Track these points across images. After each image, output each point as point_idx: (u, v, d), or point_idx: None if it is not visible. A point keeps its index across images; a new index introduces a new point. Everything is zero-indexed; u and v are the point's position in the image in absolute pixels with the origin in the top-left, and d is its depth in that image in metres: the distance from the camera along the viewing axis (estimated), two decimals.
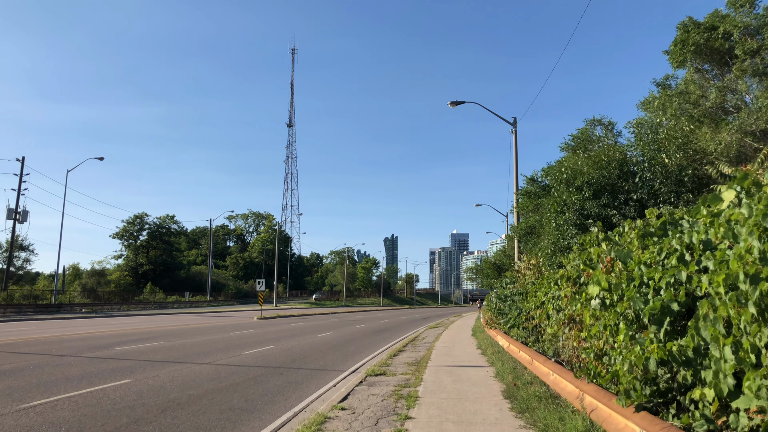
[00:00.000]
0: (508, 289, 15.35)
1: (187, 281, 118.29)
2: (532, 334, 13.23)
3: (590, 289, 5.39)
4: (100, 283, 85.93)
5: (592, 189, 11.47)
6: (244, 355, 18.74)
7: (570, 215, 11.56)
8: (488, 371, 14.07)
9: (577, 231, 11.47)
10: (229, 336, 26.82)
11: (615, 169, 11.52)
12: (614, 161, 11.63)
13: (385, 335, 30.77)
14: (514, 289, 14.99)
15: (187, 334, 27.36)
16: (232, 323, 39.21)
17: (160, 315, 55.33)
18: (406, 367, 15.36)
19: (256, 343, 23.05)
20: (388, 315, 65.28)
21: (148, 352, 18.92)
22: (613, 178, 11.47)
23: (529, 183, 30.57)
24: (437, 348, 21.36)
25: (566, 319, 8.71)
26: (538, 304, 10.68)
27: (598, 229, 7.46)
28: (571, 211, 11.52)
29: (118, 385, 12.11)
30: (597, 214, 11.21)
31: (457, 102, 35.53)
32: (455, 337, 28.12)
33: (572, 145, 29.38)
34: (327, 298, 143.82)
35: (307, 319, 48.68)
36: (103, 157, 62.69)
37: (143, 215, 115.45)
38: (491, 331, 21.02)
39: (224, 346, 21.50)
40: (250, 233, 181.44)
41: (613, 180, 11.44)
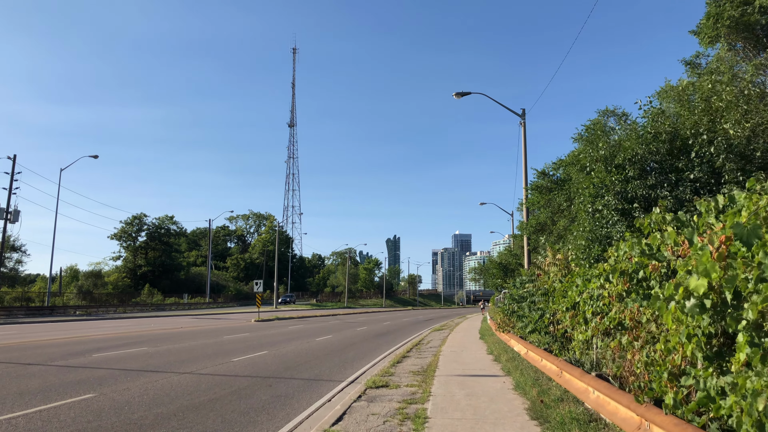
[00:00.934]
0: (525, 288, 13.69)
1: (187, 283, 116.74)
2: (556, 340, 11.54)
3: (692, 282, 3.73)
4: (96, 285, 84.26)
5: (637, 167, 9.78)
6: (232, 362, 17.03)
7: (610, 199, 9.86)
8: (505, 382, 12.34)
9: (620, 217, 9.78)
10: (221, 340, 25.11)
11: (664, 143, 9.82)
12: (663, 133, 9.91)
13: (387, 339, 29.05)
14: (533, 288, 13.29)
15: (177, 339, 25.66)
16: (227, 326, 37.51)
17: (155, 317, 53.65)
18: (411, 377, 13.63)
19: (249, 349, 21.34)
20: (390, 317, 63.56)
21: (127, 360, 17.21)
22: (661, 154, 9.78)
23: (540, 177, 28.85)
24: (444, 353, 19.63)
25: (613, 324, 6.99)
26: (569, 305, 9.00)
27: (663, 208, 5.79)
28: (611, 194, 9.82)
29: (77, 402, 10.40)
30: (644, 196, 9.53)
31: (463, 93, 33.89)
32: (462, 340, 26.38)
33: (585, 137, 27.63)
34: (328, 299, 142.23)
35: (306, 321, 46.97)
36: (97, 155, 60.96)
37: (142, 216, 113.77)
38: (503, 335, 19.28)
39: (213, 352, 19.80)
40: (251, 234, 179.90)
41: (662, 156, 9.75)
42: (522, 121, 33.34)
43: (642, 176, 9.78)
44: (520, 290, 17.98)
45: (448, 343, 24.36)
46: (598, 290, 7.64)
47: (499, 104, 34.01)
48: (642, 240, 5.68)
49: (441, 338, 27.98)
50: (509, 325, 18.05)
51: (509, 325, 18.04)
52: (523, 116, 33.43)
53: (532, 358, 12.38)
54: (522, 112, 33.62)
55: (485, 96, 34.68)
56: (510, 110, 33.76)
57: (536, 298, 12.33)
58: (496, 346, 19.89)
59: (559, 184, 27.51)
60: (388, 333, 33.68)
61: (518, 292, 18.12)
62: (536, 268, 12.64)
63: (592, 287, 7.67)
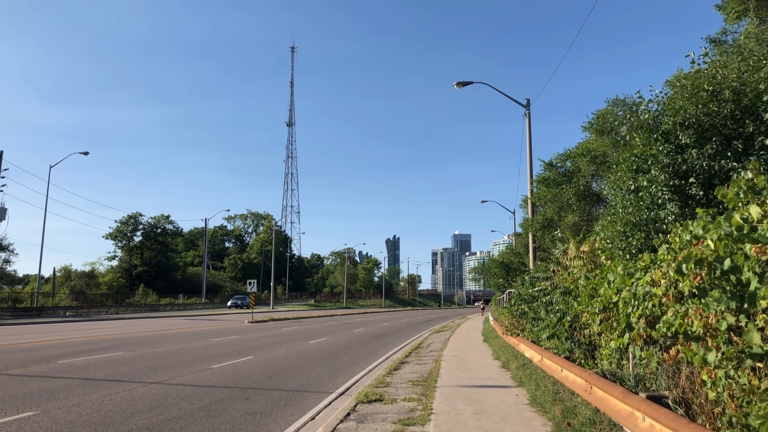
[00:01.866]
0: (540, 285, 12.05)
1: (183, 283, 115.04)
2: (579, 346, 9.85)
3: None
4: (89, 285, 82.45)
5: (692, 133, 8.07)
6: (212, 369, 15.33)
7: (656, 173, 8.17)
8: (518, 395, 10.64)
9: (671, 195, 8.08)
10: (207, 344, 23.42)
11: (727, 103, 8.11)
12: (727, 90, 8.18)
13: (385, 341, 27.36)
14: (550, 286, 11.60)
15: (160, 342, 23.96)
16: (218, 328, 35.81)
17: (146, 318, 51.94)
18: (410, 388, 11.94)
19: (234, 353, 19.65)
20: (389, 317, 61.84)
21: (94, 367, 15.51)
22: (723, 116, 8.09)
23: (547, 169, 27.12)
24: (446, 358, 17.94)
25: (671, 331, 5.30)
26: (601, 306, 7.33)
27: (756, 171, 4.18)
28: (658, 168, 8.14)
29: (8, 423, 8.71)
30: (704, 169, 7.83)
31: (464, 83, 32.21)
32: (465, 343, 24.69)
33: (596, 126, 25.95)
34: (327, 299, 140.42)
35: (301, 322, 45.25)
36: (87, 152, 59.27)
37: (137, 215, 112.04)
38: (511, 339, 17.56)
39: (194, 358, 18.10)
40: (249, 234, 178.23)
41: (723, 119, 8.07)
42: (527, 111, 31.67)
43: (699, 144, 8.08)
44: (529, 289, 16.28)
45: (449, 347, 22.68)
46: (645, 287, 5.98)
47: (503, 94, 32.35)
48: (733, 215, 4.03)
49: (442, 341, 26.29)
50: (518, 327, 16.39)
51: (518, 328, 16.38)
52: (527, 107, 31.76)
53: (549, 367, 10.70)
54: (527, 103, 31.96)
55: (488, 85, 33.02)
56: (514, 100, 32.10)
57: (554, 298, 10.66)
58: (503, 350, 18.18)
59: (568, 177, 25.82)
60: (387, 335, 31.99)
61: (527, 291, 16.42)
62: (554, 263, 10.98)
63: (641, 283, 6.00)
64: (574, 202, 26.34)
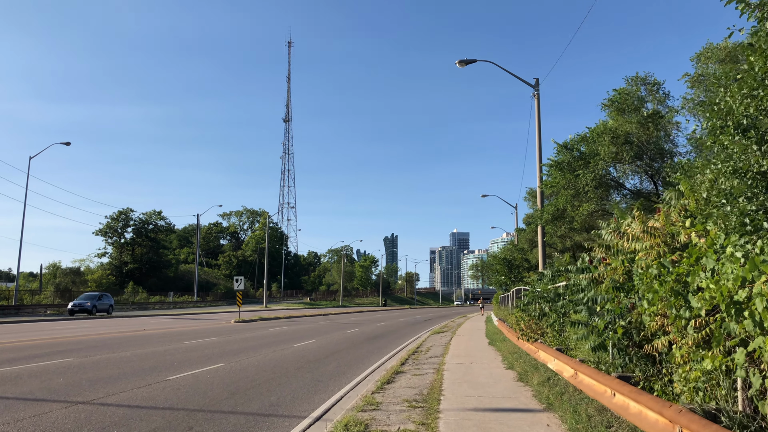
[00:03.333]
0: (576, 279, 9.44)
1: (176, 281, 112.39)
2: (637, 361, 7.17)
3: None
4: (75, 283, 79.62)
5: None
6: (165, 382, 12.61)
7: None
8: (551, 426, 7.94)
9: None
10: (176, 347, 20.72)
11: None
12: None
13: (380, 344, 24.66)
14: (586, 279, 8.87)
15: (125, 345, 21.23)
16: (200, 328, 33.08)
17: (129, 318, 49.24)
18: (406, 413, 9.23)
19: (203, 359, 16.94)
20: (386, 316, 59.14)
21: (24, 378, 12.79)
22: None
23: (561, 152, 24.37)
24: (449, 367, 15.24)
25: None
26: (712, 303, 4.69)
27: None
28: None
29: None
30: None
31: (467, 61, 29.59)
32: (469, 346, 22.00)
33: (618, 104, 23.27)
34: (323, 298, 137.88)
35: (292, 322, 42.51)
36: (69, 142, 56.42)
37: (128, 211, 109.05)
38: (527, 344, 14.83)
39: (153, 365, 15.38)
40: (245, 231, 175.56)
41: None
42: (535, 92, 29.01)
43: None
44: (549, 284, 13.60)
45: (452, 351, 19.98)
46: None
47: (509, 73, 29.67)
48: None
49: (443, 344, 23.59)
50: (536, 331, 13.68)
51: (536, 332, 13.67)
52: (536, 87, 29.09)
53: (590, 386, 8.02)
54: (535, 83, 29.28)
55: (493, 63, 30.33)
56: (521, 80, 29.42)
57: (599, 296, 7.95)
58: (516, 358, 15.44)
59: (585, 161, 23.11)
60: (382, 336, 29.28)
61: (547, 287, 13.73)
62: (601, 247, 8.30)
63: None
64: (591, 189, 23.65)
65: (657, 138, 22.69)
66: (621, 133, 22.30)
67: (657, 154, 22.81)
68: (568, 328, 9.73)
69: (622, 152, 22.13)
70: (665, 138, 23.61)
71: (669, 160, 22.79)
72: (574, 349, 10.42)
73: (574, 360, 9.17)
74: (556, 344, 12.16)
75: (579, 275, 9.45)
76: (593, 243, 17.44)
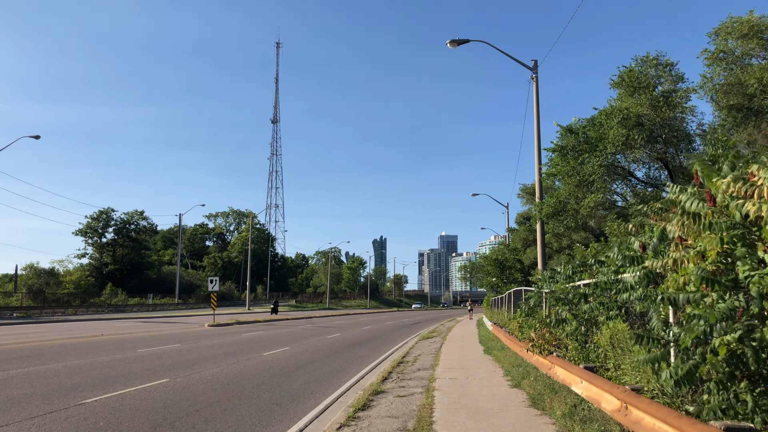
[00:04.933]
0: (608, 274, 6.91)
1: (158, 282, 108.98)
2: None
3: None
4: (49, 284, 76.19)
5: None
6: (76, 407, 9.81)
7: None
8: None
9: None
10: (125, 357, 17.87)
11: None
12: None
13: (362, 351, 21.91)
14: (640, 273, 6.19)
15: (63, 354, 18.34)
16: (165, 333, 30.15)
17: (97, 321, 46.20)
18: None
19: (146, 374, 14.13)
20: (373, 319, 56.33)
21: None
22: None
23: (564, 136, 21.72)
24: (441, 384, 12.52)
25: None
26: None
27: None
28: None
29: None
30: None
31: (460, 41, 27.05)
32: (462, 356, 19.30)
33: (628, 81, 20.67)
34: (310, 300, 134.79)
35: (270, 326, 39.62)
36: (39, 136, 53.14)
37: (109, 210, 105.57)
38: (539, 358, 12.07)
39: (76, 383, 12.55)
40: (231, 233, 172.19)
41: None
42: (534, 75, 26.37)
43: None
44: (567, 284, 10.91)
45: (443, 362, 17.25)
46: None
47: (506, 54, 27.05)
48: None
49: (432, 352, 20.87)
50: (552, 342, 10.98)
51: (551, 343, 10.98)
52: (534, 69, 26.46)
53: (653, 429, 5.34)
54: (533, 65, 26.65)
55: (488, 44, 27.70)
56: (519, 62, 26.80)
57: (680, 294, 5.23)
58: (523, 374, 12.66)
59: (592, 145, 20.47)
60: (365, 342, 26.50)
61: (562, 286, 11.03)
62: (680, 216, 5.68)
63: None
64: (598, 178, 21.06)
65: (673, 119, 20.13)
66: (632, 114, 19.71)
67: (673, 137, 20.22)
68: (632, 347, 6.93)
69: (634, 135, 19.52)
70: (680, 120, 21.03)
71: (687, 144, 20.22)
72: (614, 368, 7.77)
73: (622, 388, 6.48)
74: (582, 359, 9.49)
75: (627, 267, 6.77)
76: (596, 242, 14.71)
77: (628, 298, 7.23)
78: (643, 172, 22.53)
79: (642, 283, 6.71)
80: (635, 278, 6.59)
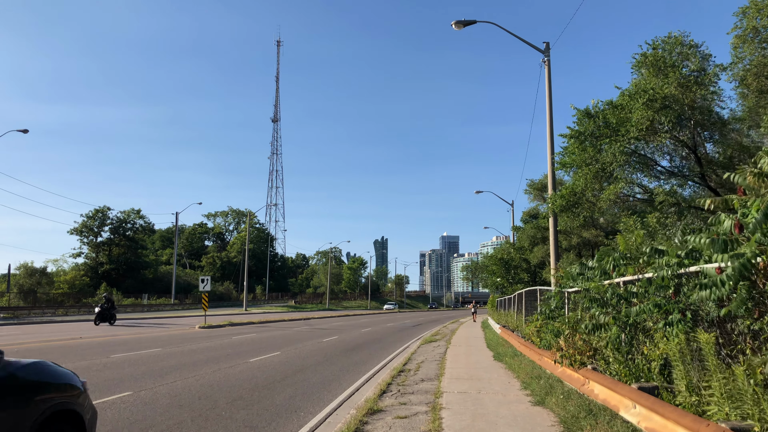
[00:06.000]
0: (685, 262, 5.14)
1: (155, 282, 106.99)
2: None
3: None
4: (41, 284, 74.30)
5: None
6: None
7: None
8: None
9: None
10: (95, 363, 15.99)
11: None
12: None
13: (359, 357, 20.01)
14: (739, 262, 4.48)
15: None
16: (150, 335, 28.23)
17: (86, 322, 44.35)
18: None
19: (108, 385, 12.23)
20: (372, 321, 54.41)
21: None
22: None
23: (582, 122, 19.76)
24: (449, 399, 10.60)
25: None
26: None
27: None
28: None
29: None
30: None
31: (466, 22, 25.20)
32: (470, 362, 17.38)
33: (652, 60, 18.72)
34: (309, 300, 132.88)
35: (264, 328, 37.69)
36: (27, 130, 51.37)
37: (105, 209, 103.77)
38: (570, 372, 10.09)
39: None
40: (230, 232, 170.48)
41: None
42: (545, 58, 24.50)
43: None
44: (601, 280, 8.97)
45: (449, 370, 15.32)
46: None
47: (515, 36, 25.21)
48: None
49: (436, 358, 18.94)
50: (585, 352, 9.01)
51: (585, 353, 9.01)
52: (546, 52, 24.58)
53: None
54: (545, 47, 24.77)
55: (496, 25, 25.86)
56: (529, 44, 24.97)
57: None
58: (545, 388, 10.68)
59: (613, 130, 18.52)
60: (363, 346, 24.58)
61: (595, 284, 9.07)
62: None
63: None
64: (619, 166, 19.13)
65: (703, 99, 18.18)
66: (658, 95, 17.75)
67: (704, 121, 18.28)
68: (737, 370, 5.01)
69: (660, 118, 17.57)
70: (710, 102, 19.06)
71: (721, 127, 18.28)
72: (686, 391, 5.81)
73: (717, 427, 4.55)
74: (629, 376, 7.55)
75: (716, 255, 4.88)
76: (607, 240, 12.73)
77: (709, 297, 5.35)
78: (666, 160, 20.61)
79: (735, 277, 4.83)
80: (728, 270, 4.72)
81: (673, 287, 6.92)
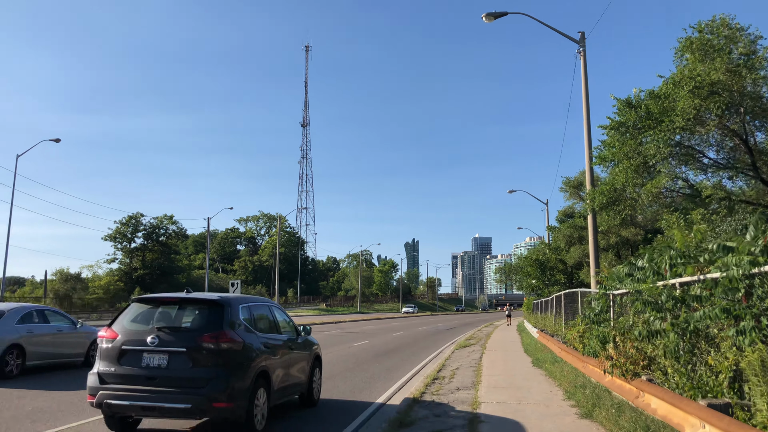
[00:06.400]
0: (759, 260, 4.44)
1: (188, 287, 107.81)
2: None
3: None
4: (76, 290, 75.24)
5: None
6: None
7: None
8: None
9: None
10: None
11: None
12: None
13: (390, 363, 19.25)
14: None
15: None
16: None
17: None
18: None
19: None
20: (404, 324, 53.63)
21: None
22: None
23: (622, 112, 18.72)
24: (488, 410, 9.79)
25: None
26: None
27: None
28: None
29: None
30: None
31: (498, 14, 24.40)
32: (507, 369, 16.50)
33: (699, 44, 17.60)
34: (341, 303, 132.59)
35: None
36: (59, 139, 51.85)
37: (138, 215, 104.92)
38: (618, 381, 9.14)
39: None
40: (262, 236, 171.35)
41: None
42: (580, 48, 23.50)
43: None
44: (655, 282, 8.08)
45: (486, 377, 14.47)
46: None
47: (548, 27, 24.29)
48: None
49: (472, 363, 18.08)
50: (638, 362, 7.95)
51: (638, 362, 7.93)
52: (581, 42, 23.59)
53: None
54: (580, 37, 23.81)
55: (528, 16, 24.97)
56: (563, 34, 24.03)
57: None
58: (591, 399, 9.74)
59: (656, 120, 17.47)
60: (395, 351, 23.82)
61: (649, 285, 8.16)
62: None
63: None
64: (662, 159, 18.07)
65: (755, 85, 17.03)
66: (705, 82, 16.65)
67: (757, 108, 17.11)
68: None
69: (709, 106, 16.47)
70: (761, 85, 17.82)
71: None
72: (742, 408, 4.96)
73: None
74: (693, 389, 6.64)
75: None
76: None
77: None
78: (713, 152, 19.42)
79: None
80: None
81: (744, 289, 6.05)
